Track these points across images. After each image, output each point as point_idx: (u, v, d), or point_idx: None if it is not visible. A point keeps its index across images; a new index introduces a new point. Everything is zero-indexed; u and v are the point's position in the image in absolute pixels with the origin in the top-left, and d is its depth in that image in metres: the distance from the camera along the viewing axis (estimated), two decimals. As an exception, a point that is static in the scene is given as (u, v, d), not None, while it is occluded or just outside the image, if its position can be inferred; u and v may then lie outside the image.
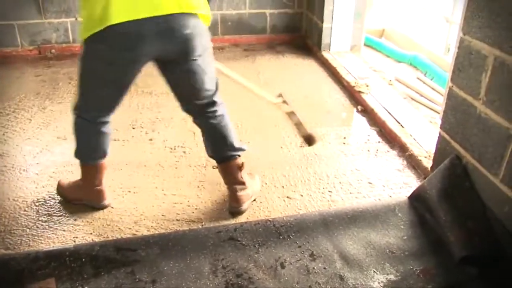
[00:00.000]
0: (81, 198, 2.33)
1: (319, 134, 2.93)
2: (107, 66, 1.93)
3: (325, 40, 4.20)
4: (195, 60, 1.98)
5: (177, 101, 2.19)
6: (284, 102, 2.55)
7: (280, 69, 4.04)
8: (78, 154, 2.24)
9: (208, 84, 2.09)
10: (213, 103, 2.17)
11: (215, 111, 2.18)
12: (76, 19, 4.40)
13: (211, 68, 2.11)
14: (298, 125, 2.49)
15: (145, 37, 1.83)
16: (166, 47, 1.90)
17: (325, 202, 2.34)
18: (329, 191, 2.42)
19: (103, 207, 2.32)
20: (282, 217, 2.16)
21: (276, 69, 4.04)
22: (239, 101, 3.10)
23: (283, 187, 2.46)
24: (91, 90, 2.05)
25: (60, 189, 2.40)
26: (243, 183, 2.28)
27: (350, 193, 2.41)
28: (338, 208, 2.25)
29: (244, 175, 2.29)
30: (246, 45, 4.63)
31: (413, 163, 2.60)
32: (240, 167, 2.28)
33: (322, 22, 4.14)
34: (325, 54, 4.16)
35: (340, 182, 2.49)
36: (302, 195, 2.39)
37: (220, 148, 2.26)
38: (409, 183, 2.47)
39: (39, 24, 4.39)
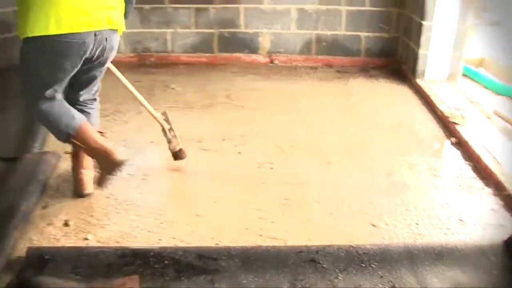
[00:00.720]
0: (102, 167, 2.42)
1: (400, 161, 2.87)
2: (57, 59, 2.20)
3: (420, 67, 4.10)
4: (103, 66, 2.42)
5: (66, 88, 2.39)
6: (166, 119, 2.84)
7: (372, 93, 3.99)
8: (61, 134, 2.34)
9: (97, 85, 2.55)
10: (94, 99, 2.59)
11: (93, 105, 2.58)
12: (175, 30, 4.60)
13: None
14: (170, 141, 2.78)
15: (85, 45, 2.18)
16: (96, 53, 2.27)
17: (411, 234, 2.26)
18: (416, 223, 2.34)
19: (122, 163, 2.38)
20: (365, 244, 2.12)
21: (369, 93, 3.99)
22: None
23: (368, 214, 2.40)
24: (32, 76, 2.27)
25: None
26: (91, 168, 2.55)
27: (439, 228, 2.31)
28: (425, 242, 2.17)
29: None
30: (339, 66, 4.62)
31: (510, 204, 2.45)
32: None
33: (419, 48, 4.05)
34: (420, 81, 4.06)
35: (428, 216, 2.40)
36: (387, 224, 2.33)
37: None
38: (505, 225, 2.32)
39: (141, 33, 4.63)
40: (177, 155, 2.79)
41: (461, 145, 3.09)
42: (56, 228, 2.26)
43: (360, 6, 4.50)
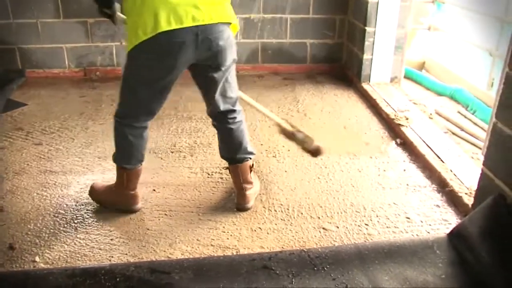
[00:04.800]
0: (114, 202, 2.45)
1: (349, 164, 2.93)
2: (151, 72, 2.10)
3: (365, 71, 4.20)
4: (223, 70, 2.20)
5: (204, 103, 2.37)
6: (290, 124, 2.77)
7: (319, 99, 4.05)
8: (117, 158, 2.38)
9: (231, 92, 2.33)
10: (233, 110, 2.38)
11: (235, 117, 2.40)
12: (121, 43, 4.54)
13: (235, 78, 2.35)
14: (303, 141, 2.69)
15: (186, 44, 2.02)
16: (202, 55, 2.10)
17: (361, 235, 2.31)
18: (365, 224, 2.39)
19: (136, 210, 2.45)
20: (317, 248, 2.14)
21: (315, 98, 4.06)
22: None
23: (319, 217, 2.44)
24: (134, 95, 2.22)
25: (94, 192, 2.53)
26: (251, 183, 2.50)
27: (387, 227, 2.37)
28: (375, 242, 2.22)
29: (252, 175, 2.52)
30: (285, 73, 4.67)
31: (453, 199, 2.55)
32: (251, 168, 2.51)
33: (363, 53, 4.15)
34: (365, 85, 4.16)
35: (377, 216, 2.46)
36: (338, 227, 2.37)
37: (236, 150, 2.45)
38: (448, 220, 2.41)
39: (86, 47, 4.56)
40: (318, 151, 2.72)
41: (406, 145, 3.18)
42: (0, 252, 2.18)
43: (304, 14, 4.57)
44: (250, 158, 2.50)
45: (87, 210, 2.50)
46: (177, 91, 4.12)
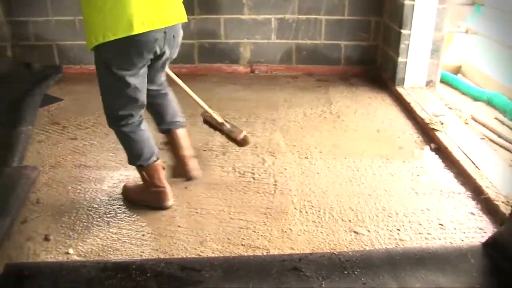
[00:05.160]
0: (145, 200, 2.51)
1: (381, 168, 2.89)
2: (129, 66, 2.23)
3: (399, 74, 4.14)
4: (172, 58, 2.46)
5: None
6: (216, 113, 2.86)
7: (352, 101, 4.02)
8: (131, 159, 2.46)
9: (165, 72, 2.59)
10: (164, 85, 2.62)
11: (166, 91, 2.63)
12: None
13: None
14: (230, 131, 2.81)
15: (157, 42, 2.22)
16: (165, 49, 2.32)
17: (393, 240, 2.28)
18: (397, 229, 2.36)
19: (166, 208, 2.49)
20: (348, 251, 2.13)
21: (349, 101, 4.02)
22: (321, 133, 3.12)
23: (350, 221, 2.42)
24: (117, 90, 2.29)
25: (126, 191, 2.61)
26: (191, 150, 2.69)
27: (419, 233, 2.33)
28: (406, 247, 2.19)
29: None
30: (319, 75, 4.64)
31: (489, 207, 2.48)
32: None
33: (398, 56, 4.10)
34: (399, 88, 4.10)
35: (409, 221, 2.42)
36: (369, 231, 2.34)
37: (177, 113, 2.66)
38: (484, 228, 2.35)
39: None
40: (244, 141, 2.83)
41: (440, 150, 3.13)
42: (36, 243, 2.24)
43: (339, 15, 4.54)
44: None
45: (119, 205, 2.54)
46: (210, 90, 4.20)
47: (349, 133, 3.39)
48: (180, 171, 2.72)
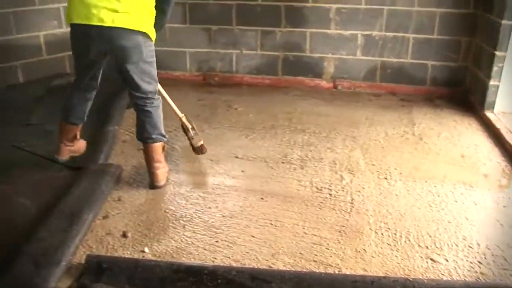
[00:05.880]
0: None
1: (464, 195, 2.76)
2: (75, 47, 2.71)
3: (490, 98, 3.94)
4: (130, 65, 2.61)
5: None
6: (188, 120, 3.14)
7: (436, 123, 3.87)
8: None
9: (144, 85, 2.71)
10: (148, 98, 2.75)
11: (151, 103, 2.77)
12: (241, 51, 4.69)
13: (149, 74, 2.73)
14: (192, 138, 3.08)
15: (90, 37, 2.55)
16: (101, 48, 2.59)
17: (473, 273, 2.15)
18: (478, 262, 2.23)
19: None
20: (423, 279, 2.05)
21: (433, 123, 3.88)
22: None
23: (427, 247, 2.32)
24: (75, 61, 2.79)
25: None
26: (161, 162, 2.83)
27: (504, 269, 2.18)
28: (489, 283, 2.07)
29: (162, 156, 2.86)
30: (403, 94, 4.53)
31: None
32: (163, 149, 2.87)
33: (489, 79, 3.91)
34: (488, 113, 3.91)
35: (492, 254, 2.28)
36: (447, 260, 2.24)
37: (151, 131, 2.78)
38: None
39: (207, 52, 4.76)
40: (199, 149, 3.09)
41: (530, 182, 2.95)
42: (114, 238, 2.33)
43: (428, 34, 4.41)
44: (164, 140, 2.86)
45: (196, 210, 2.60)
46: (293, 103, 4.22)
47: (431, 156, 3.27)
48: None
